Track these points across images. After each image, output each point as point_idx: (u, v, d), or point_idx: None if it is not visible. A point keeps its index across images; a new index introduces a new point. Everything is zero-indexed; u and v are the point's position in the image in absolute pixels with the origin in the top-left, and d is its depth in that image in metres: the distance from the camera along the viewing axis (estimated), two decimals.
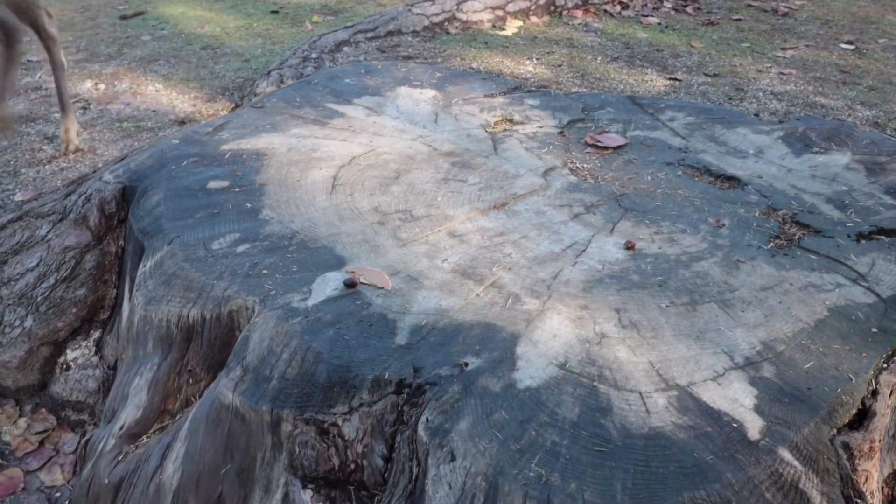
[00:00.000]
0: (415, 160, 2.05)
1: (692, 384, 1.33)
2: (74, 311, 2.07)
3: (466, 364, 1.34)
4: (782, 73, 4.29)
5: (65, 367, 2.07)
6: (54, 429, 2.01)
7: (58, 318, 2.06)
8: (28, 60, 4.61)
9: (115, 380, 1.80)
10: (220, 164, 2.00)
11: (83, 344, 2.08)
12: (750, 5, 5.57)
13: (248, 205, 1.83)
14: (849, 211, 1.88)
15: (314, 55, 4.26)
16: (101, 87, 4.22)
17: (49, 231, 2.15)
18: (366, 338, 1.41)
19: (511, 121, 2.34)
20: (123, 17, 5.41)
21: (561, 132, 2.27)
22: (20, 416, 2.05)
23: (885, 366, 1.41)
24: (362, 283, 1.54)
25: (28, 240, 2.16)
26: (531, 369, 1.34)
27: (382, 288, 1.53)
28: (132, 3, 5.76)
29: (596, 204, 1.89)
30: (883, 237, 1.78)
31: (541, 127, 2.30)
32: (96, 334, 2.09)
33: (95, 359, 2.05)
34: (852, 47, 4.74)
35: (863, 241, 1.76)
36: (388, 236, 1.72)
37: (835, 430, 1.29)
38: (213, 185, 1.91)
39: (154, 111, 3.93)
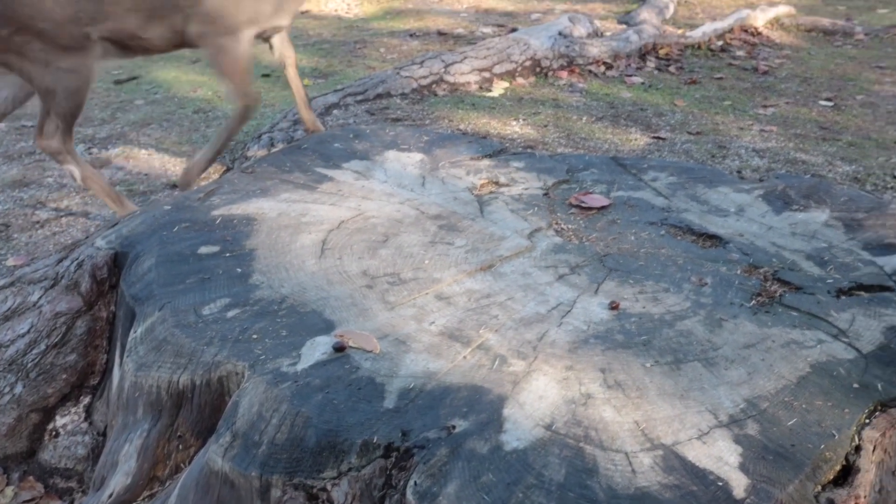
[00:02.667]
0: (403, 223, 2.09)
1: (677, 443, 1.34)
2: (65, 377, 2.07)
3: (454, 427, 1.36)
4: (763, 130, 4.38)
5: (54, 433, 2.07)
6: (42, 497, 2.00)
7: (48, 385, 2.07)
8: (22, 126, 4.68)
9: (104, 447, 1.80)
10: (211, 230, 2.03)
11: (73, 410, 2.09)
12: (731, 64, 5.71)
13: (239, 270, 1.86)
14: (828, 267, 1.92)
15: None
16: (95, 150, 4.28)
17: (41, 297, 2.17)
18: (355, 402, 1.42)
19: (497, 183, 2.38)
20: (117, 82, 5.50)
21: (546, 193, 2.31)
22: (7, 484, 2.03)
23: (867, 421, 1.43)
24: (351, 347, 1.56)
25: (19, 306, 2.18)
26: (518, 431, 1.35)
27: (371, 352, 1.56)
28: (126, 68, 5.86)
29: (581, 264, 1.93)
30: (862, 293, 1.81)
31: (526, 189, 2.35)
32: (86, 400, 2.09)
33: (85, 425, 2.05)
34: (831, 104, 4.86)
35: (843, 298, 1.79)
36: (376, 300, 1.75)
37: (819, 487, 1.30)
38: (203, 250, 1.94)
39: (146, 175, 3.98)
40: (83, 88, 2.91)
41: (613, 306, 1.74)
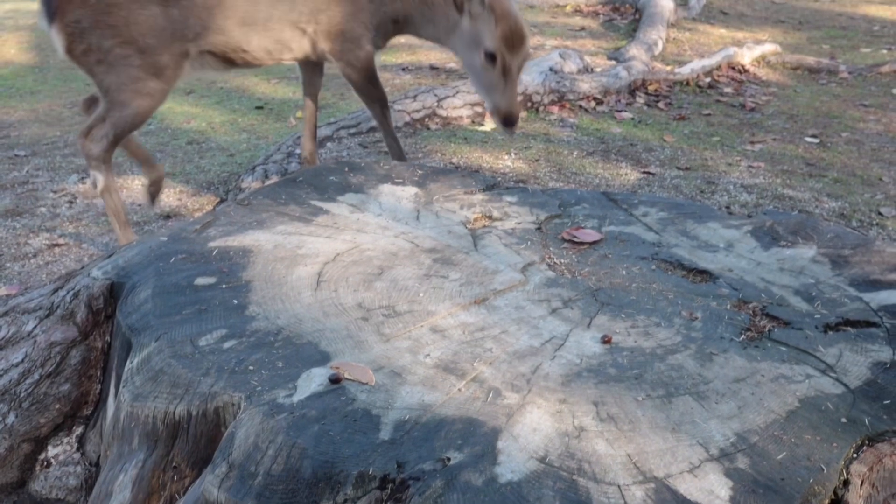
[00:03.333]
0: (397, 256, 2.12)
1: (669, 476, 1.36)
2: (58, 406, 2.08)
3: (449, 459, 1.37)
4: (751, 167, 4.44)
5: (45, 464, 2.07)
6: None
7: (40, 415, 2.07)
8: (15, 155, 4.70)
9: (98, 477, 1.80)
10: (208, 261, 2.05)
11: (65, 440, 2.08)
12: (718, 100, 5.80)
13: (235, 301, 1.88)
14: (816, 303, 1.95)
15: (298, 151, 4.38)
16: (88, 181, 4.30)
17: (35, 327, 2.18)
18: (350, 433, 1.44)
19: (490, 217, 2.42)
20: None
21: (539, 228, 2.35)
22: None
23: (855, 456, 1.45)
24: (347, 379, 1.58)
25: (14, 335, 2.18)
26: (512, 463, 1.37)
27: (367, 383, 1.57)
28: None
29: (573, 298, 1.96)
30: (849, 328, 1.85)
31: (519, 223, 2.38)
32: (79, 430, 2.09)
33: (77, 455, 2.05)
34: (817, 141, 4.94)
35: (830, 333, 1.83)
36: (371, 332, 1.77)
37: None
38: (200, 281, 1.96)
39: (140, 205, 4.00)
40: (152, 111, 3.02)
41: (606, 340, 1.77)
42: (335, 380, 1.57)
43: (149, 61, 2.86)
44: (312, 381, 1.58)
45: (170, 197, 4.09)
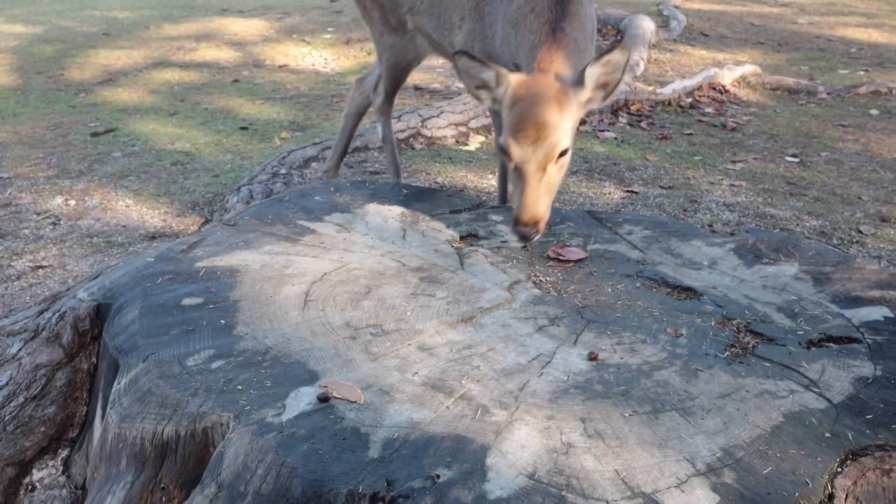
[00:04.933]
0: (384, 276, 2.13)
1: (657, 492, 1.37)
2: (43, 429, 2.06)
3: (438, 476, 1.38)
4: (733, 185, 4.49)
5: (30, 487, 2.05)
6: None
7: (25, 438, 2.05)
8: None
9: (85, 500, 1.78)
10: (195, 281, 2.05)
11: (50, 463, 2.07)
12: (700, 120, 5.87)
13: (223, 321, 1.88)
14: (798, 319, 1.97)
15: (283, 171, 4.39)
16: (72, 202, 4.29)
17: (20, 349, 2.17)
18: (339, 452, 1.44)
19: (476, 236, 2.44)
20: (95, 134, 5.53)
21: (524, 246, 2.36)
22: None
23: (839, 470, 1.47)
24: (335, 398, 1.58)
25: None
26: (501, 480, 1.38)
27: (355, 402, 1.58)
28: (103, 120, 5.90)
29: (560, 316, 1.97)
30: (831, 344, 1.87)
31: (505, 241, 2.40)
32: (64, 453, 2.08)
33: (63, 478, 2.03)
34: (797, 160, 5.00)
35: (813, 349, 1.85)
36: (359, 350, 1.78)
37: None
38: (187, 301, 1.96)
39: (124, 226, 3.99)
40: (399, 65, 3.44)
41: (592, 357, 1.78)
42: (324, 398, 1.58)
43: (383, 18, 3.33)
44: (301, 400, 1.58)
45: (155, 218, 4.08)
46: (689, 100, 6.24)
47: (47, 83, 7.00)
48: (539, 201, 2.24)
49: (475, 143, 5.25)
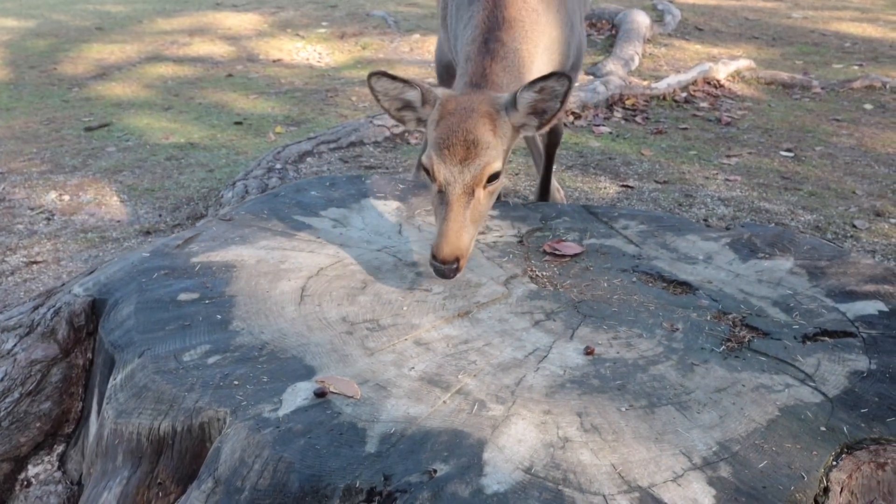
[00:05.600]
0: (381, 270, 2.13)
1: (653, 485, 1.38)
2: (38, 425, 2.06)
3: (435, 471, 1.38)
4: (728, 180, 4.50)
5: (25, 483, 2.04)
6: None
7: (21, 433, 2.05)
8: None
9: (81, 495, 1.78)
10: (191, 277, 2.05)
11: (46, 459, 2.06)
12: (695, 115, 5.87)
13: (219, 316, 1.87)
14: (794, 314, 1.98)
15: (278, 166, 4.38)
16: (66, 198, 4.27)
17: (15, 345, 2.16)
18: (336, 447, 1.44)
19: None
20: (88, 129, 5.51)
21: (520, 241, 2.37)
22: None
23: (834, 463, 1.48)
24: (332, 393, 1.58)
25: None
26: (498, 474, 1.38)
27: (352, 397, 1.58)
28: (97, 115, 5.88)
29: (556, 311, 1.97)
30: (826, 338, 1.88)
31: (501, 236, 2.40)
32: (60, 449, 2.07)
33: (58, 474, 2.03)
34: (792, 154, 5.01)
35: (808, 343, 1.86)
36: (356, 346, 1.78)
37: None
38: (183, 297, 1.96)
39: (119, 222, 3.98)
40: (440, 61, 3.18)
41: (588, 351, 1.78)
42: (320, 393, 1.58)
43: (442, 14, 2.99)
44: (298, 395, 1.58)
45: (149, 213, 4.07)
46: (684, 94, 6.25)
47: (40, 78, 6.97)
48: (462, 233, 1.97)
49: None
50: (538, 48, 2.38)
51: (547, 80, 2.00)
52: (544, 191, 3.35)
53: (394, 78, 2.06)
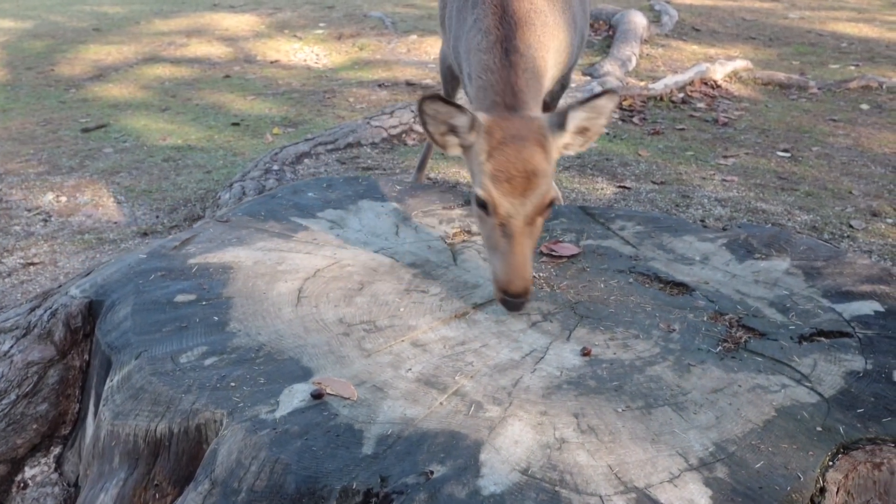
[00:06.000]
0: (378, 272, 2.13)
1: (650, 486, 1.38)
2: (35, 427, 2.06)
3: (432, 472, 1.38)
4: (725, 180, 4.50)
5: (22, 485, 2.04)
6: None
7: (17, 435, 2.04)
8: None
9: (78, 497, 1.78)
10: (188, 278, 2.05)
11: (42, 461, 2.06)
12: (692, 115, 5.88)
13: (216, 318, 1.87)
14: (790, 314, 1.98)
15: (276, 167, 4.38)
16: (63, 199, 4.27)
17: (12, 346, 2.16)
18: (333, 448, 1.44)
19: (469, 232, 2.44)
20: (85, 130, 5.50)
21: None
22: None
23: (830, 463, 1.48)
24: (329, 394, 1.58)
25: None
26: (495, 476, 1.38)
27: (349, 398, 1.58)
28: (94, 116, 5.87)
29: (553, 312, 1.98)
30: (823, 339, 1.88)
31: None
32: (56, 450, 2.07)
33: (55, 476, 2.03)
34: (788, 155, 5.01)
35: (804, 343, 1.86)
36: (353, 347, 1.78)
37: None
38: (180, 298, 1.96)
39: (116, 223, 3.98)
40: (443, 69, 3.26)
41: (585, 352, 1.79)
42: (317, 395, 1.58)
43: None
44: (294, 396, 1.58)
45: (146, 214, 4.07)
46: (681, 95, 6.25)
47: (37, 79, 6.96)
48: (528, 264, 1.92)
49: None
50: (550, 52, 2.35)
51: (598, 98, 1.97)
52: None
53: (447, 102, 1.96)
